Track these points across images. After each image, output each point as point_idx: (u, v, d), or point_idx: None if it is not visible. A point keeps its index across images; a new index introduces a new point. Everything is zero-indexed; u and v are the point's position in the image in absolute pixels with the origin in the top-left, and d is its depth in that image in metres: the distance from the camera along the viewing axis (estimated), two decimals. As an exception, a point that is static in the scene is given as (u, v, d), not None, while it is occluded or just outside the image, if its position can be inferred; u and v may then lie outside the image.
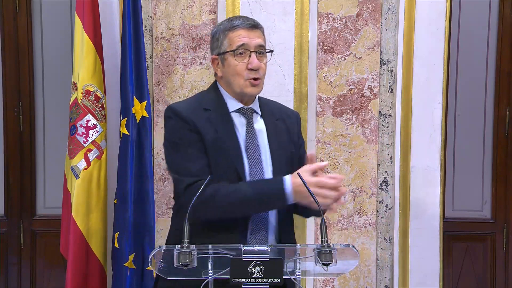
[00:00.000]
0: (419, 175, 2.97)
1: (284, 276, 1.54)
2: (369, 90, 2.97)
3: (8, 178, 3.28)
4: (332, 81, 2.97)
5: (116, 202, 2.66)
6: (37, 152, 3.29)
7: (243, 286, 1.52)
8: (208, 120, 1.88)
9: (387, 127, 3.00)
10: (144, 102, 2.68)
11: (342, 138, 2.99)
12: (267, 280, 1.52)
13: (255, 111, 1.97)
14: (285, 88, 2.90)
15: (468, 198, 3.32)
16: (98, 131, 2.64)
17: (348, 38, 2.95)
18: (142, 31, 2.70)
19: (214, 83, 2.01)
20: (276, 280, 1.52)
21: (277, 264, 1.53)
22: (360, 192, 3.00)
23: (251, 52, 1.88)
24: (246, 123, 1.93)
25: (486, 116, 3.29)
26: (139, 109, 2.67)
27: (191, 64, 2.94)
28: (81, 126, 2.62)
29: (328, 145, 2.98)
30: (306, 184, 1.73)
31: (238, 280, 1.52)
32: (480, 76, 3.27)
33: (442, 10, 2.92)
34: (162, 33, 2.93)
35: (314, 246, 1.56)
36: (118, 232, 2.64)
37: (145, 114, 2.69)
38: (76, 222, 2.59)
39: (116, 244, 2.65)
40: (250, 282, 1.52)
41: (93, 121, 2.63)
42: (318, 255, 1.52)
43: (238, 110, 1.94)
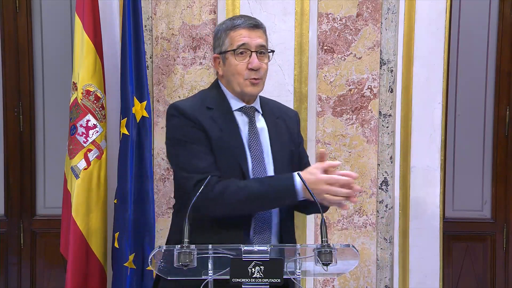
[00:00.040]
0: (419, 175, 2.97)
1: (284, 276, 1.54)
2: (369, 90, 2.97)
3: (8, 178, 3.28)
4: (332, 81, 2.97)
5: (116, 202, 2.66)
6: (37, 152, 3.29)
7: (243, 286, 1.52)
8: (212, 118, 1.88)
9: (387, 127, 3.00)
10: (144, 102, 2.68)
11: (342, 138, 2.99)
12: (267, 280, 1.52)
13: (256, 110, 1.98)
14: (285, 88, 2.90)
15: (468, 198, 3.32)
16: (98, 131, 2.64)
17: (348, 38, 2.95)
18: (142, 31, 2.70)
19: (216, 82, 2.01)
20: (276, 280, 1.52)
21: (277, 264, 1.53)
22: (360, 192, 2.99)
23: (251, 52, 1.88)
24: (249, 122, 1.93)
25: (486, 116, 3.29)
26: (139, 109, 2.67)
27: (191, 64, 2.94)
28: (81, 126, 2.62)
29: (328, 145, 2.98)
30: (306, 184, 1.73)
31: (238, 280, 1.52)
32: (480, 76, 3.27)
33: (442, 10, 2.92)
34: (162, 33, 2.93)
35: (314, 246, 1.56)
36: (118, 232, 2.64)
37: (145, 114, 2.69)
38: (76, 222, 2.59)
39: (116, 244, 2.65)
40: (250, 282, 1.51)
41: (93, 121, 2.63)
42: (318, 255, 1.52)
43: (240, 109, 1.94)
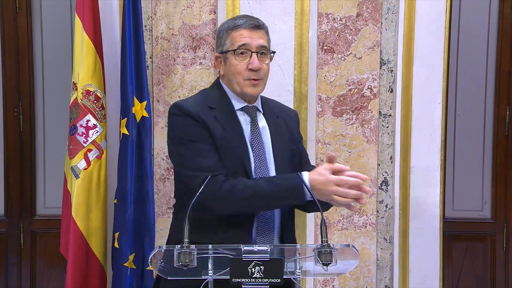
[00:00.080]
0: (419, 175, 2.97)
1: (284, 276, 1.54)
2: (369, 90, 2.97)
3: (8, 178, 3.28)
4: (332, 81, 2.96)
5: (116, 202, 2.66)
6: (37, 152, 3.29)
7: (243, 286, 1.52)
8: (215, 118, 1.88)
9: (387, 127, 3.00)
10: (144, 102, 2.68)
11: (342, 138, 2.99)
12: (267, 280, 1.51)
13: (258, 109, 1.98)
14: (285, 88, 2.90)
15: (468, 198, 3.32)
16: (98, 131, 2.64)
17: (348, 38, 2.95)
18: (142, 31, 2.70)
19: (217, 81, 2.01)
20: (276, 280, 1.52)
21: (277, 264, 1.53)
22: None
23: (252, 52, 1.88)
24: (251, 122, 1.94)
25: (486, 116, 3.29)
26: (139, 109, 2.67)
27: (191, 64, 2.94)
28: (81, 126, 2.62)
29: (328, 145, 2.98)
30: (305, 183, 1.73)
31: (238, 280, 1.52)
32: (480, 76, 3.27)
33: (442, 10, 2.92)
34: (162, 33, 2.93)
35: (314, 246, 1.56)
36: (118, 232, 2.64)
37: (145, 114, 2.69)
38: (76, 222, 2.59)
39: (116, 244, 2.65)
40: (250, 282, 1.51)
41: (93, 121, 2.63)
42: (318, 255, 1.52)
43: (242, 109, 1.94)
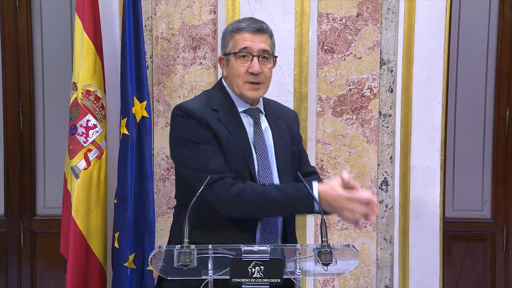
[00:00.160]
0: (419, 175, 2.97)
1: (284, 276, 1.54)
2: (369, 90, 2.97)
3: (8, 178, 3.28)
4: (332, 81, 2.96)
5: (116, 202, 2.66)
6: (37, 152, 3.29)
7: (243, 286, 1.52)
8: (219, 120, 1.87)
9: (387, 127, 3.00)
10: (144, 102, 2.68)
11: (342, 138, 2.99)
12: (267, 280, 1.51)
13: (260, 111, 1.98)
14: (285, 88, 2.90)
15: (468, 198, 3.32)
16: (98, 131, 2.64)
17: (348, 38, 2.95)
18: (142, 31, 2.70)
19: (220, 82, 2.00)
20: (276, 280, 1.52)
21: (277, 264, 1.53)
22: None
23: (253, 56, 1.88)
24: (254, 124, 1.94)
25: (486, 116, 3.29)
26: (139, 109, 2.67)
27: (191, 64, 2.94)
28: (81, 126, 2.62)
29: (328, 145, 2.98)
30: (306, 183, 1.72)
31: (238, 280, 1.51)
32: (480, 76, 3.27)
33: (442, 10, 2.92)
34: (162, 33, 2.93)
35: (314, 246, 1.56)
36: (118, 232, 2.64)
37: (145, 114, 2.69)
38: (76, 222, 2.59)
39: (116, 244, 2.65)
40: (250, 282, 1.51)
41: (93, 121, 2.63)
42: (318, 255, 1.52)
43: (245, 111, 1.94)
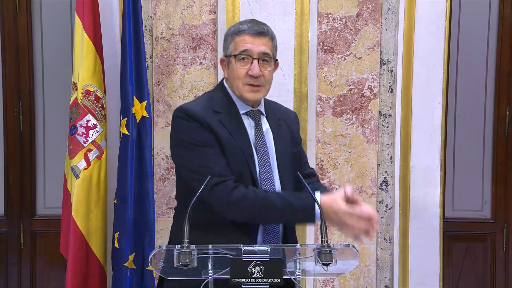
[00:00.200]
0: (419, 175, 2.97)
1: (284, 276, 1.54)
2: (369, 90, 2.97)
3: (8, 178, 3.28)
4: (332, 81, 2.96)
5: (116, 202, 2.66)
6: (37, 152, 3.28)
7: (243, 286, 1.52)
8: (220, 122, 1.87)
9: (387, 127, 3.00)
10: (144, 102, 2.68)
11: (342, 138, 2.99)
12: (267, 280, 1.51)
13: (262, 113, 1.98)
14: (285, 88, 2.90)
15: (468, 198, 3.32)
16: (98, 131, 2.64)
17: (348, 38, 2.95)
18: (142, 31, 2.70)
19: (221, 84, 2.00)
20: (276, 280, 1.52)
21: (277, 264, 1.53)
22: (360, 192, 3.00)
23: (253, 59, 1.87)
24: (255, 126, 1.93)
25: (486, 116, 3.29)
26: (139, 109, 2.67)
27: (191, 64, 2.94)
28: (81, 126, 2.62)
29: (328, 145, 2.98)
30: (306, 184, 1.72)
31: (238, 280, 1.52)
32: (480, 76, 3.27)
33: (442, 10, 2.92)
34: (162, 33, 2.93)
35: (314, 246, 1.56)
36: (118, 232, 2.64)
37: (145, 114, 2.69)
38: (76, 222, 2.59)
39: (116, 244, 2.65)
40: (250, 282, 1.51)
41: (93, 121, 2.63)
42: (318, 255, 1.52)
43: (246, 113, 1.94)
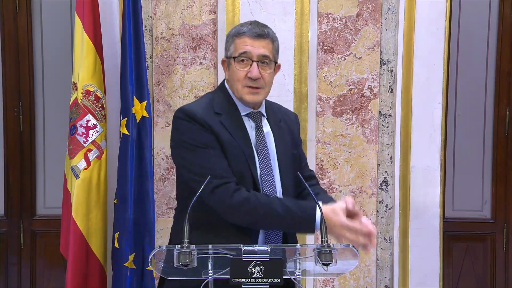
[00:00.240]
0: (419, 175, 2.97)
1: (284, 276, 1.54)
2: (369, 90, 2.97)
3: (8, 178, 3.27)
4: (332, 81, 2.96)
5: (116, 202, 2.66)
6: (37, 152, 3.28)
7: (243, 286, 1.52)
8: (221, 124, 1.87)
9: (387, 127, 3.00)
10: (144, 102, 2.68)
11: (342, 138, 2.99)
12: (267, 280, 1.51)
13: (262, 115, 1.98)
14: (285, 88, 2.90)
15: (468, 198, 3.32)
16: (98, 131, 2.64)
17: (348, 38, 2.95)
18: (142, 31, 2.70)
19: (223, 85, 2.00)
20: (276, 280, 1.52)
21: (277, 264, 1.53)
22: (360, 192, 3.00)
23: (252, 61, 1.87)
24: (256, 127, 1.93)
25: (486, 116, 3.29)
26: (139, 109, 2.67)
27: (191, 64, 2.94)
28: (81, 126, 2.62)
29: (328, 145, 2.98)
30: (307, 185, 1.72)
31: (238, 280, 1.51)
32: (480, 76, 3.27)
33: (442, 10, 2.92)
34: (162, 33, 2.93)
35: (314, 246, 1.56)
36: (118, 232, 2.64)
37: (145, 114, 2.69)
38: (76, 222, 2.59)
39: (116, 244, 2.65)
40: (250, 282, 1.51)
41: (93, 121, 2.63)
42: (318, 255, 1.52)
43: (247, 115, 1.94)
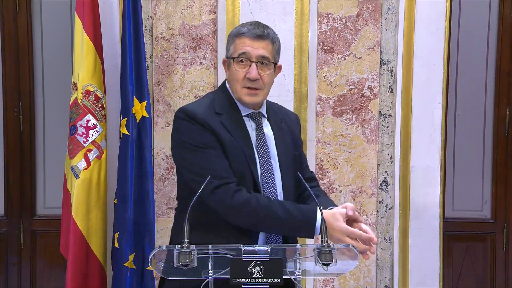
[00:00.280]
0: (419, 175, 2.97)
1: (284, 276, 1.54)
2: (369, 90, 2.97)
3: (8, 178, 3.27)
4: (332, 81, 2.96)
5: (116, 202, 2.66)
6: (37, 152, 3.28)
7: (243, 286, 1.52)
8: (222, 124, 1.87)
9: (387, 127, 3.00)
10: (144, 102, 2.68)
11: (342, 138, 2.99)
12: (267, 280, 1.51)
13: (263, 115, 1.98)
14: (285, 88, 2.90)
15: (468, 198, 3.32)
16: (98, 131, 2.64)
17: (348, 38, 2.95)
18: (142, 31, 2.70)
19: (223, 85, 2.00)
20: (276, 280, 1.52)
21: (277, 264, 1.53)
22: (360, 192, 3.00)
23: (251, 62, 1.87)
24: (256, 128, 1.93)
25: (486, 116, 3.29)
26: (139, 109, 2.67)
27: (191, 64, 2.94)
28: (81, 126, 2.62)
29: (328, 145, 2.98)
30: (307, 186, 1.72)
31: (238, 280, 1.51)
32: (480, 76, 3.27)
33: (442, 10, 2.92)
34: (162, 33, 2.93)
35: (314, 246, 1.56)
36: (118, 232, 2.64)
37: (145, 114, 2.69)
38: (76, 222, 2.59)
39: (116, 244, 2.65)
40: (250, 282, 1.51)
41: (93, 121, 2.63)
42: (318, 255, 1.52)
43: (248, 115, 1.94)
